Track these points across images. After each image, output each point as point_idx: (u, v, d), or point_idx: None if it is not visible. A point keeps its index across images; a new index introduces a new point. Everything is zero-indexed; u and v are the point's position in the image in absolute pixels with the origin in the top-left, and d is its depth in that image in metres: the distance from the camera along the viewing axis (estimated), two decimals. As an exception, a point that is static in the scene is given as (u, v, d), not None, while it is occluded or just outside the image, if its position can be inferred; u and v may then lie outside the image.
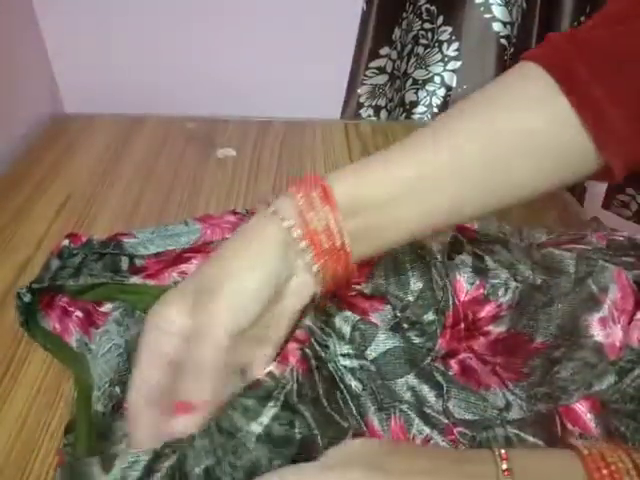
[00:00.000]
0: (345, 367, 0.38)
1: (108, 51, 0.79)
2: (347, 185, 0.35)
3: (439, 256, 0.43)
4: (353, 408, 0.36)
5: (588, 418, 0.36)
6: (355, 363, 0.38)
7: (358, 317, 0.40)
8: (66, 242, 0.47)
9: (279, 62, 0.80)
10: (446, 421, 0.36)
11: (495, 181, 0.36)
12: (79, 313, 0.43)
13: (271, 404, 0.31)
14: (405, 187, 0.35)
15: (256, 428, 0.30)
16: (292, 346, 0.35)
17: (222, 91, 0.80)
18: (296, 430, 0.31)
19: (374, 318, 0.41)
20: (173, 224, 0.51)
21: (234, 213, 0.54)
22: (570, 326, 0.41)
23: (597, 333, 0.40)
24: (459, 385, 0.38)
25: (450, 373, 0.39)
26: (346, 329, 0.39)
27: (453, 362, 0.40)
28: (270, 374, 0.33)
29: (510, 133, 0.35)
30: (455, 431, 0.35)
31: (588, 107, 0.34)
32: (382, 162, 0.36)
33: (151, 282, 0.44)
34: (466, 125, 0.36)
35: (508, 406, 0.37)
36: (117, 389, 0.37)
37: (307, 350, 0.35)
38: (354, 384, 0.37)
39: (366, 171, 0.36)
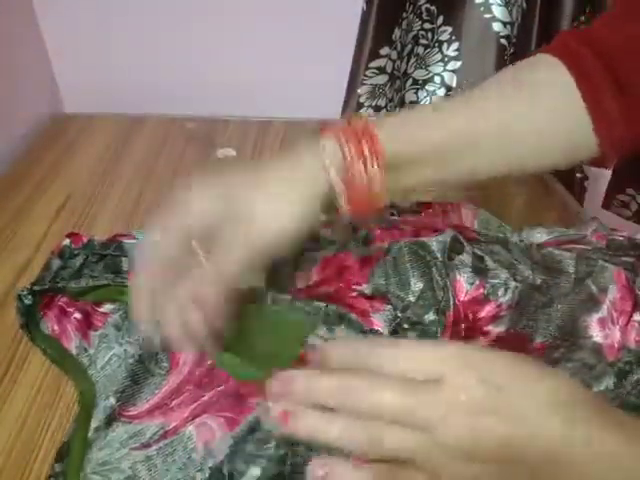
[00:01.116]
0: None
1: (108, 51, 0.79)
2: (394, 143, 0.37)
3: (439, 255, 0.43)
4: None
5: None
6: None
7: (361, 324, 0.40)
8: (67, 242, 0.47)
9: (279, 62, 0.80)
10: None
11: (507, 155, 0.42)
12: (77, 315, 0.43)
13: (269, 445, 0.32)
14: (439, 150, 0.40)
15: (255, 472, 0.31)
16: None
17: (222, 91, 0.80)
18: (287, 464, 0.32)
19: (375, 319, 0.41)
20: None
21: None
22: (569, 327, 0.41)
23: (596, 334, 0.40)
24: None
25: None
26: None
27: None
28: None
29: (526, 116, 0.41)
30: None
31: (594, 98, 0.39)
32: (421, 124, 0.40)
33: None
34: (492, 103, 0.41)
35: None
36: (111, 399, 0.37)
37: None
38: None
39: (408, 131, 0.39)
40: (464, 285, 0.42)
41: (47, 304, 0.44)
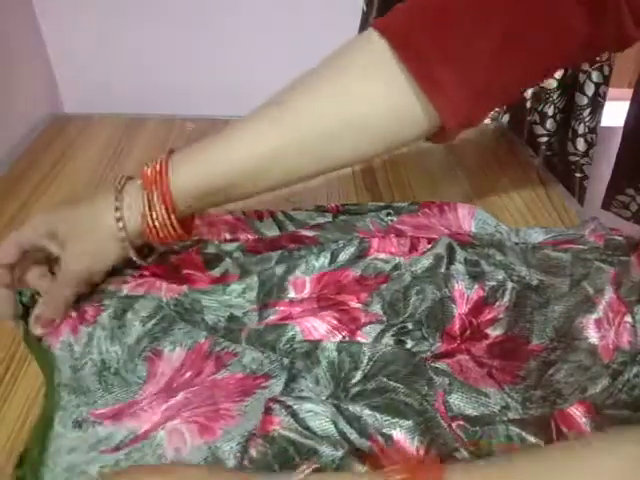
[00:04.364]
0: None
1: (108, 51, 0.79)
2: (191, 179, 0.40)
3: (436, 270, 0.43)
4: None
5: (583, 422, 0.35)
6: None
7: (339, 340, 0.40)
8: None
9: (279, 62, 0.80)
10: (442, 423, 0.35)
11: (330, 152, 0.40)
12: (73, 313, 0.43)
13: None
14: (245, 174, 0.40)
15: None
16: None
17: (222, 91, 0.80)
18: None
19: (366, 332, 0.41)
20: None
21: (231, 213, 0.55)
22: (566, 328, 0.41)
23: (592, 335, 0.40)
24: (460, 381, 0.38)
25: (446, 370, 0.39)
26: (332, 355, 0.39)
27: (451, 362, 0.40)
28: (250, 459, 0.33)
29: (349, 107, 0.39)
30: (454, 424, 0.35)
31: (425, 75, 0.37)
32: (224, 150, 0.40)
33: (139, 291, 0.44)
34: (305, 105, 0.39)
35: (507, 407, 0.37)
36: (82, 409, 0.37)
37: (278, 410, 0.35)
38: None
39: (209, 162, 0.40)
40: (464, 291, 0.42)
41: None
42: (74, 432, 0.36)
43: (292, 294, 0.44)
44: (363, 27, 0.75)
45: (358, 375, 0.38)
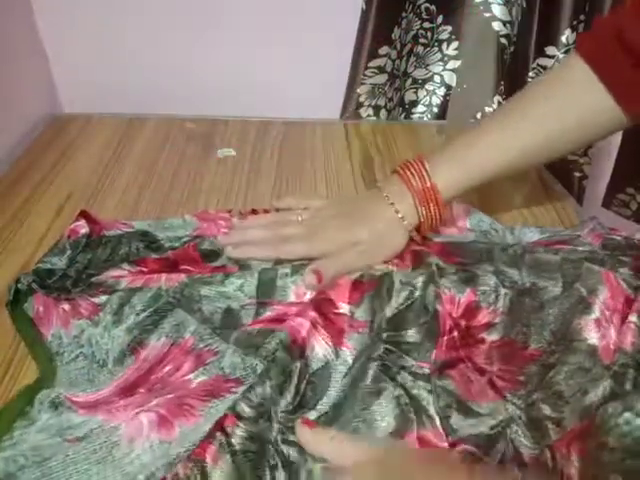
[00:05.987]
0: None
1: (108, 51, 0.79)
2: (456, 188, 0.49)
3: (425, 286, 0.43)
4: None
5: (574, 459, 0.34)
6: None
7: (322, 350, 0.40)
8: (84, 231, 0.49)
9: (279, 62, 0.80)
10: None
11: (552, 147, 0.51)
12: (66, 305, 0.43)
13: None
14: (497, 174, 0.50)
15: None
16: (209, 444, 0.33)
17: (222, 91, 0.80)
18: None
19: (351, 341, 0.41)
20: (171, 218, 0.53)
21: (229, 212, 0.55)
22: (563, 330, 0.40)
23: (591, 336, 0.40)
24: (457, 398, 0.37)
25: (450, 388, 0.38)
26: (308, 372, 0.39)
27: (454, 372, 0.39)
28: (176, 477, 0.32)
29: (562, 116, 0.49)
30: (461, 449, 0.35)
31: (621, 91, 0.47)
32: (480, 159, 0.50)
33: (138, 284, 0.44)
34: (535, 111, 0.50)
35: (510, 419, 0.36)
36: (62, 395, 0.37)
37: (224, 442, 0.34)
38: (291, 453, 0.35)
39: (468, 172, 0.50)
40: (455, 295, 0.42)
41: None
42: (49, 412, 0.36)
43: (292, 299, 0.44)
44: (363, 27, 0.75)
45: (321, 407, 0.37)
